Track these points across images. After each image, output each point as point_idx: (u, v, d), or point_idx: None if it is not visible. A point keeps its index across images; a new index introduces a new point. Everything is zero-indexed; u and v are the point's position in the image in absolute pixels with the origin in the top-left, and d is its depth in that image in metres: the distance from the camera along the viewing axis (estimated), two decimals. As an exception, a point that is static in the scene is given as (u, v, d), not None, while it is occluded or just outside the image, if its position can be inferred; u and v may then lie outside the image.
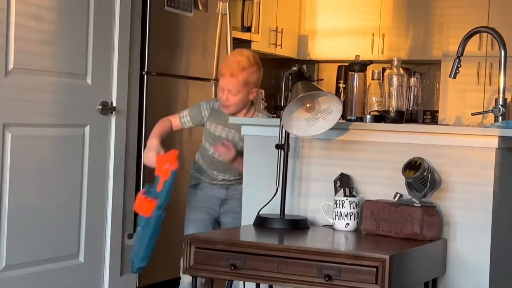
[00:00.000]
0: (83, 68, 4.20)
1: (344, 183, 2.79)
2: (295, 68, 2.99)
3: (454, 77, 3.47)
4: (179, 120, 3.62)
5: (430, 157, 2.73)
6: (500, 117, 3.32)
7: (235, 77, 3.46)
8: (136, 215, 3.85)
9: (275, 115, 3.36)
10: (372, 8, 7.01)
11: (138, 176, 4.62)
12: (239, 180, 3.59)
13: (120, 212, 4.43)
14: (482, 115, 3.84)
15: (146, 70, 4.63)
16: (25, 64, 3.86)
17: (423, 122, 6.69)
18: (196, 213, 3.66)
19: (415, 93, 3.36)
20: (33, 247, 3.95)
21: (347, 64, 3.31)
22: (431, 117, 6.77)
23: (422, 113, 6.80)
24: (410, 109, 3.28)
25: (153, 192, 3.35)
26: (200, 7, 5.05)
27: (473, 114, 3.88)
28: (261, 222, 2.80)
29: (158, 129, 3.61)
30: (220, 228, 3.67)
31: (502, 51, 3.40)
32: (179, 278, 3.87)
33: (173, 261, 4.39)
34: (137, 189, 4.60)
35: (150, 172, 4.59)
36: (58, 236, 4.08)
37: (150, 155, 3.43)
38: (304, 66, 3.06)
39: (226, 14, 5.16)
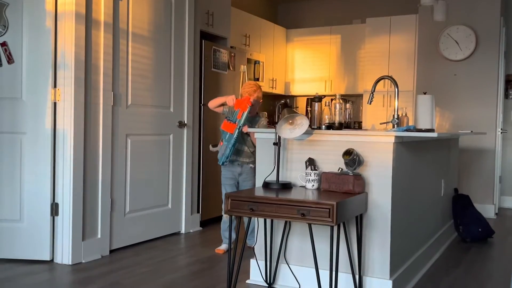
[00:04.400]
0: (168, 102, 4.21)
1: (311, 163, 2.80)
2: (283, 101, 3.00)
3: (370, 104, 3.47)
4: (223, 108, 3.63)
5: (357, 147, 2.74)
6: (395, 125, 3.31)
7: (256, 92, 3.63)
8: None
9: (273, 126, 3.37)
10: (325, 66, 6.99)
11: (200, 160, 4.63)
12: (248, 162, 3.61)
13: (190, 180, 4.45)
14: (386, 124, 3.83)
15: (202, 103, 4.62)
16: (137, 101, 3.88)
17: (353, 128, 6.66)
18: (226, 180, 3.68)
19: (349, 112, 3.34)
20: (143, 200, 3.97)
21: (312, 97, 3.31)
22: (358, 125, 6.75)
23: (353, 123, 6.78)
24: (347, 121, 3.28)
25: (234, 119, 3.46)
26: (231, 68, 5.06)
27: (381, 124, 3.88)
28: (266, 185, 2.81)
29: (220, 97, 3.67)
30: (239, 188, 3.69)
31: (396, 89, 3.39)
32: (221, 216, 3.88)
33: (219, 205, 4.41)
34: (199, 168, 4.61)
35: (208, 161, 4.63)
36: (157, 194, 4.11)
37: (232, 97, 3.49)
38: (288, 100, 3.06)
39: (245, 71, 5.16)
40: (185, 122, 4.35)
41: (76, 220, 3.37)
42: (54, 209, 3.37)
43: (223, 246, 3.77)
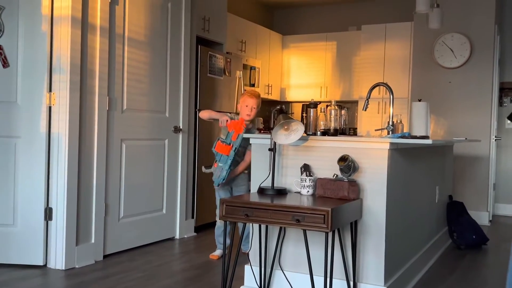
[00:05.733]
0: (164, 107, 4.20)
1: (306, 169, 2.79)
2: (278, 107, 3.00)
3: (365, 110, 3.47)
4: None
5: (352, 154, 2.74)
6: (390, 132, 3.32)
7: (257, 98, 3.61)
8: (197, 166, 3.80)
9: (268, 132, 3.37)
10: (320, 72, 7.01)
11: (194, 165, 4.62)
12: (242, 170, 3.62)
13: (185, 185, 4.44)
14: (381, 130, 3.84)
15: (198, 108, 4.62)
16: (132, 106, 3.87)
17: (349, 135, 6.67)
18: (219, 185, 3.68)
19: (344, 118, 3.35)
20: (137, 205, 3.96)
21: (307, 103, 3.31)
22: (353, 131, 6.77)
23: (348, 129, 6.80)
24: (342, 127, 3.27)
25: (228, 141, 3.45)
26: (227, 74, 5.07)
27: (376, 130, 3.88)
28: (261, 191, 2.80)
29: (215, 112, 3.65)
30: (232, 193, 3.68)
31: (391, 96, 3.40)
32: (215, 221, 3.86)
33: (214, 211, 4.39)
34: (194, 174, 4.60)
35: (200, 165, 4.62)
36: (151, 199, 4.09)
37: (225, 119, 3.48)
38: (283, 106, 3.06)
39: (241, 77, 5.16)
40: (181, 127, 4.34)
41: (70, 225, 3.34)
42: (48, 214, 3.35)
43: (218, 252, 3.76)
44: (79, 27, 3.36)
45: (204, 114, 3.65)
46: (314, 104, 3.25)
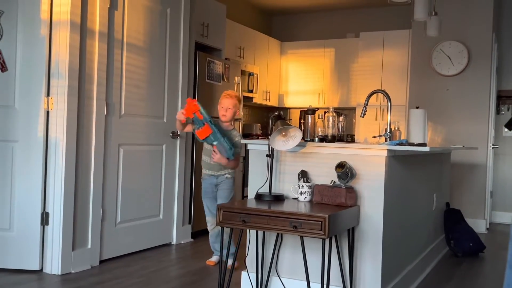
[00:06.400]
0: (162, 113, 4.20)
1: (303, 175, 2.79)
2: (276, 113, 3.00)
3: (363, 117, 3.48)
4: (190, 125, 3.65)
5: (350, 160, 2.74)
6: (388, 139, 3.33)
7: (232, 98, 3.64)
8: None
9: (266, 138, 3.37)
10: (318, 78, 7.03)
11: (192, 171, 4.62)
12: (223, 174, 3.61)
13: (182, 190, 4.43)
14: (378, 137, 3.85)
15: (196, 114, 4.62)
16: (130, 111, 3.87)
17: (346, 141, 6.68)
18: (206, 193, 3.70)
19: (342, 125, 3.36)
20: (134, 211, 3.95)
21: (305, 109, 3.32)
22: (351, 138, 6.77)
23: (346, 136, 6.81)
24: (340, 134, 3.28)
25: (198, 124, 3.45)
26: (225, 80, 5.07)
27: (373, 137, 3.89)
28: (259, 197, 2.80)
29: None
30: (217, 197, 3.69)
31: (389, 103, 3.41)
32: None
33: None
34: (191, 179, 4.60)
35: (200, 171, 4.62)
36: (148, 204, 4.08)
37: (180, 112, 3.51)
38: (281, 112, 3.06)
39: (239, 83, 5.17)
40: (178, 133, 4.34)
41: (67, 230, 3.33)
42: (45, 218, 3.34)
43: (214, 258, 3.75)
44: (78, 32, 3.36)
45: (178, 128, 3.70)
46: (312, 111, 3.25)
